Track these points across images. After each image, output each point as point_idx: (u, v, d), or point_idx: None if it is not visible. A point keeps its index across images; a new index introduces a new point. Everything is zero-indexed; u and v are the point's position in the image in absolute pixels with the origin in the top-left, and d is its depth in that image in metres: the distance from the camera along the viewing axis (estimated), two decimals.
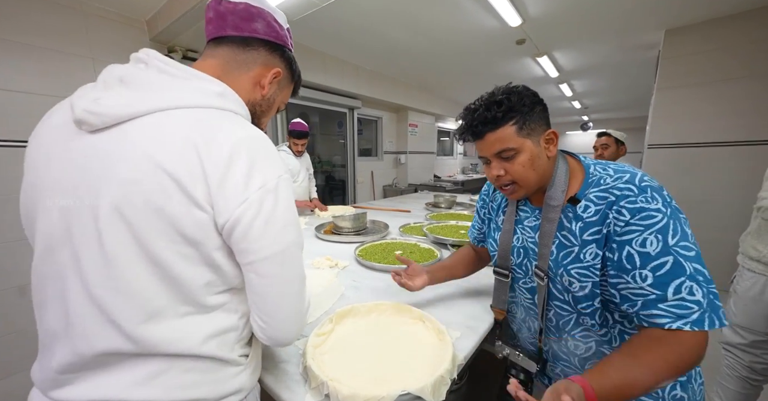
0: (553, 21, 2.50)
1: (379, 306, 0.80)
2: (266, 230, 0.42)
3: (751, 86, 2.35)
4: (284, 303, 0.45)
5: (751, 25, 2.30)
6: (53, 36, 1.68)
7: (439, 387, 0.54)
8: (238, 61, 0.51)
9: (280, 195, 0.43)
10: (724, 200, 2.48)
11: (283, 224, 0.43)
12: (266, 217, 0.41)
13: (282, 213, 0.43)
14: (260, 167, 0.42)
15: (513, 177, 0.61)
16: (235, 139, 0.41)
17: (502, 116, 0.58)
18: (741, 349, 1.19)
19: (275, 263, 0.43)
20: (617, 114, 7.36)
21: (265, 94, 0.55)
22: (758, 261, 1.13)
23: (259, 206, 0.41)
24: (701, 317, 0.46)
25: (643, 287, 0.49)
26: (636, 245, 0.51)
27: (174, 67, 0.44)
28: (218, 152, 0.39)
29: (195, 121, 0.41)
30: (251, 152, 0.41)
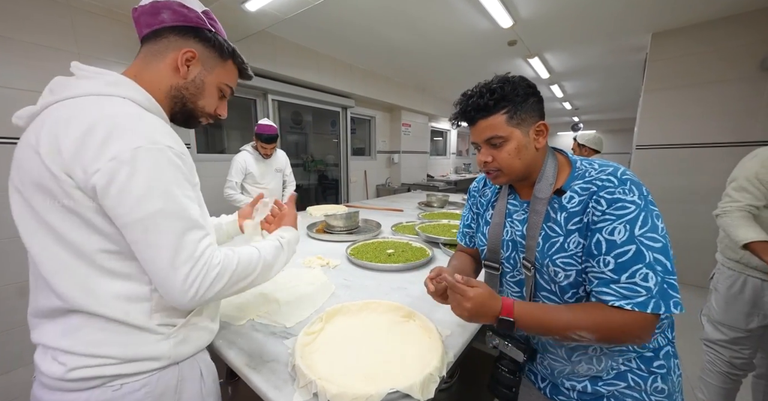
0: (544, 23, 2.53)
1: (370, 304, 0.80)
2: (121, 199, 0.44)
3: (736, 88, 2.42)
4: (156, 268, 0.46)
5: (736, 29, 2.37)
6: (38, 30, 1.64)
7: (428, 384, 0.55)
8: (153, 52, 0.56)
9: (137, 166, 0.44)
10: (711, 200, 2.55)
11: (141, 194, 0.44)
12: (119, 186, 0.43)
13: (139, 183, 0.44)
14: (114, 139, 0.44)
15: (498, 164, 0.63)
16: (96, 116, 0.45)
17: (494, 104, 0.59)
18: (721, 345, 1.23)
19: (137, 230, 0.45)
20: (607, 115, 7.50)
21: (186, 77, 0.57)
22: (737, 261, 1.18)
23: (111, 176, 0.43)
24: (646, 301, 0.50)
25: (604, 271, 0.53)
26: (605, 233, 0.54)
27: (86, 71, 0.51)
28: (76, 127, 0.44)
29: (72, 105, 0.46)
30: (108, 126, 0.44)
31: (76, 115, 0.45)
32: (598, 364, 0.61)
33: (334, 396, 0.50)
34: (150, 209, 0.45)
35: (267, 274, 0.60)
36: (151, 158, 0.45)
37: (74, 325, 0.49)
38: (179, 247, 0.46)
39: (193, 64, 0.57)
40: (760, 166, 1.08)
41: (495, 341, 0.69)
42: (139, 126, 0.46)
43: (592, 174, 0.59)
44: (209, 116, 0.63)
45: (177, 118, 0.61)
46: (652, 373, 0.59)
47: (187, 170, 0.51)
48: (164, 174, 0.46)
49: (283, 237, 0.68)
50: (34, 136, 0.46)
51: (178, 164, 0.49)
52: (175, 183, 0.48)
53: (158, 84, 0.56)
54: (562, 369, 0.65)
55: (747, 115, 2.40)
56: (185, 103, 0.59)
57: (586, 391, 0.63)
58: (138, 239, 0.46)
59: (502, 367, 0.66)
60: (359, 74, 3.71)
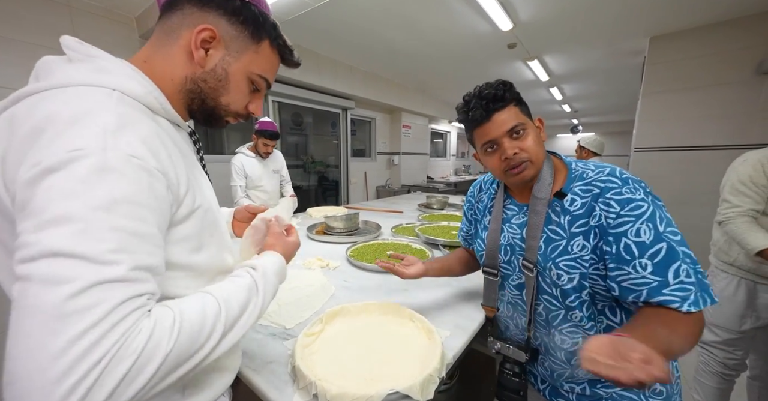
0: (543, 26, 2.55)
1: (370, 306, 0.80)
2: (23, 225, 0.29)
3: (734, 92, 2.44)
4: (14, 353, 0.26)
5: (733, 33, 2.39)
6: (37, 30, 1.64)
7: (428, 385, 0.55)
8: (166, 30, 0.42)
9: (62, 177, 0.29)
10: (708, 203, 2.56)
11: (46, 219, 0.28)
12: (31, 206, 0.29)
13: (51, 203, 0.28)
14: (52, 140, 0.30)
15: (528, 153, 0.61)
16: (53, 110, 0.32)
17: (508, 95, 0.61)
18: (715, 347, 1.24)
19: (19, 277, 0.28)
20: (606, 118, 7.54)
21: (203, 64, 0.42)
22: (731, 264, 1.19)
23: (27, 189, 0.29)
24: (696, 298, 0.49)
25: (645, 275, 0.51)
26: (631, 235, 0.52)
27: (77, 51, 0.39)
28: (25, 125, 0.32)
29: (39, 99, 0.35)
30: (59, 124, 0.31)
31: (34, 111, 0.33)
32: None
33: (334, 397, 0.50)
34: (45, 244, 0.27)
35: (229, 338, 0.37)
36: (89, 166, 0.30)
37: None
38: (68, 313, 0.26)
39: (213, 47, 0.42)
40: (752, 169, 1.09)
41: (497, 345, 0.69)
42: (97, 124, 0.32)
43: (590, 175, 0.60)
44: (238, 114, 0.49)
45: (197, 117, 0.48)
46: None
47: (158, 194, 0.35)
48: (98, 192, 0.30)
49: (255, 268, 0.45)
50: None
51: (137, 183, 0.33)
52: (113, 209, 0.30)
53: (170, 74, 0.42)
54: (562, 372, 0.66)
55: (744, 118, 2.42)
56: (204, 99, 0.45)
57: (584, 393, 0.63)
58: (16, 295, 0.27)
59: (507, 371, 0.66)
60: (360, 76, 3.73)
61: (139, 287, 0.31)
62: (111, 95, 0.36)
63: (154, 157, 0.35)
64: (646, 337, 0.41)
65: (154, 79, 0.41)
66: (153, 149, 0.36)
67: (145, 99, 0.39)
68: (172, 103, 0.43)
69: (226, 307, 0.38)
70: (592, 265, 0.57)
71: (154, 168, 0.35)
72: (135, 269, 0.31)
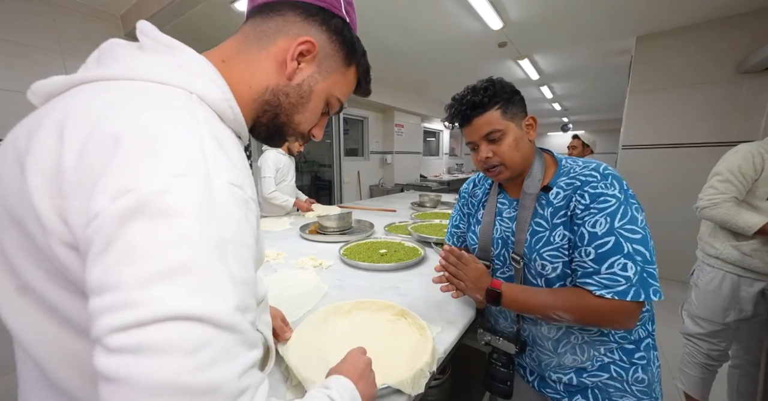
0: (533, 25, 2.58)
1: (361, 303, 0.81)
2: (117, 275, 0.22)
3: (717, 90, 2.51)
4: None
5: (716, 33, 2.46)
6: (17, 27, 1.60)
7: (419, 379, 0.56)
8: (258, 33, 0.38)
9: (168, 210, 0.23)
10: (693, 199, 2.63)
11: (158, 269, 0.22)
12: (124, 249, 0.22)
13: (159, 246, 0.22)
14: (142, 159, 0.24)
15: (501, 158, 0.64)
16: (129, 119, 0.25)
17: (488, 100, 0.62)
18: (700, 338, 1.29)
19: (124, 349, 0.21)
20: (596, 116, 7.67)
21: (291, 77, 0.39)
22: (716, 258, 1.23)
23: (115, 226, 0.22)
24: (627, 289, 0.53)
25: (585, 261, 0.57)
26: (588, 226, 0.57)
27: (154, 38, 0.34)
28: (90, 133, 0.25)
29: (99, 94, 0.28)
30: (142, 137, 0.25)
31: (97, 112, 0.26)
32: (581, 354, 0.64)
33: None
34: (169, 307, 0.22)
35: None
36: (201, 198, 0.24)
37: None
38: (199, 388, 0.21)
39: (306, 61, 0.39)
40: (742, 160, 1.12)
41: (487, 337, 0.71)
42: (195, 140, 0.27)
43: (576, 170, 0.63)
44: (302, 135, 0.45)
45: (259, 131, 0.42)
46: (633, 364, 0.62)
47: (252, 228, 0.29)
48: (218, 235, 0.25)
49: (329, 388, 0.38)
50: (25, 132, 0.28)
51: (240, 217, 0.27)
52: (232, 257, 0.25)
53: (251, 80, 0.38)
54: (549, 362, 0.68)
55: (727, 116, 2.49)
56: (278, 114, 0.41)
57: (571, 383, 0.65)
58: (116, 372, 0.21)
59: (495, 362, 0.69)
60: None
61: (257, 353, 0.26)
62: (191, 100, 0.31)
63: (247, 182, 0.30)
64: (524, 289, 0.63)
65: (230, 83, 0.36)
66: (242, 171, 0.30)
67: (220, 106, 0.34)
68: (242, 111, 0.38)
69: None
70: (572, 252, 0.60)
71: (250, 198, 0.29)
72: (251, 330, 0.26)
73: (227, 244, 0.25)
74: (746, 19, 2.33)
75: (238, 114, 0.37)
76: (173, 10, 1.63)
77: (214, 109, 0.34)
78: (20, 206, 0.26)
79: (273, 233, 1.68)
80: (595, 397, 0.63)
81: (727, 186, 1.13)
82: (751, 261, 1.13)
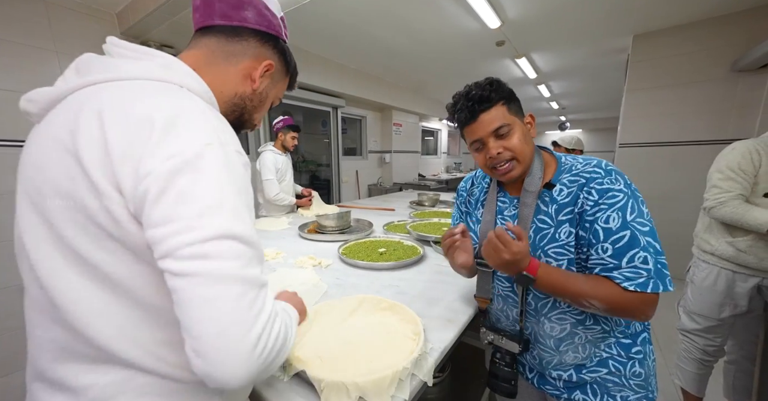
0: (531, 24, 2.58)
1: (358, 298, 0.81)
2: (177, 211, 0.32)
3: (713, 89, 2.53)
4: (210, 314, 0.31)
5: (712, 31, 2.47)
6: (11, 26, 1.58)
7: (422, 365, 0.56)
8: (225, 52, 0.48)
9: (204, 168, 0.33)
10: (690, 196, 2.65)
11: (206, 205, 0.33)
12: (178, 194, 0.32)
13: (204, 191, 0.33)
14: (177, 133, 0.33)
15: (513, 152, 0.63)
16: (153, 106, 0.34)
17: (494, 95, 0.62)
18: (696, 334, 1.30)
19: (193, 256, 0.31)
20: (593, 115, 7.69)
21: (256, 88, 0.52)
22: (712, 254, 1.23)
23: (168, 179, 0.32)
24: (647, 281, 0.53)
25: (604, 258, 0.56)
26: (601, 222, 0.57)
27: (128, 49, 0.41)
28: (126, 117, 0.33)
29: (116, 91, 0.36)
30: (170, 117, 0.34)
31: (126, 102, 0.35)
32: (583, 352, 0.64)
33: (328, 384, 0.51)
34: (213, 228, 0.32)
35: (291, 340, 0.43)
36: (223, 160, 0.35)
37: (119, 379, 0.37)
38: (247, 289, 0.33)
39: (266, 76, 0.52)
40: (741, 157, 1.12)
41: (490, 336, 0.71)
42: (207, 120, 0.37)
43: (578, 167, 0.63)
44: (254, 127, 0.58)
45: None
46: (630, 359, 0.63)
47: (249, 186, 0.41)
48: (235, 185, 0.36)
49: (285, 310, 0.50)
50: (65, 130, 0.34)
51: (244, 176, 0.39)
52: (243, 201, 0.37)
53: (222, 87, 0.48)
54: (550, 360, 0.68)
55: (723, 114, 2.51)
56: (243, 113, 0.53)
57: (571, 380, 0.65)
58: (192, 269, 0.31)
59: (499, 361, 0.69)
60: (350, 74, 3.71)
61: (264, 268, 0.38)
62: (182, 91, 0.40)
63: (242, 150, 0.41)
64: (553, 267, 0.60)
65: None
66: (239, 143, 0.42)
67: (204, 97, 0.44)
68: None
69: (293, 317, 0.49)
70: (578, 249, 0.60)
71: (246, 162, 0.41)
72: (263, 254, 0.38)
73: (241, 190, 0.37)
74: (742, 17, 2.34)
75: (216, 105, 0.47)
76: (170, 9, 1.61)
77: (201, 98, 0.42)
78: (72, 184, 0.34)
79: (272, 233, 1.68)
80: (594, 392, 0.63)
81: (730, 184, 1.13)
82: (746, 257, 1.14)
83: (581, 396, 0.64)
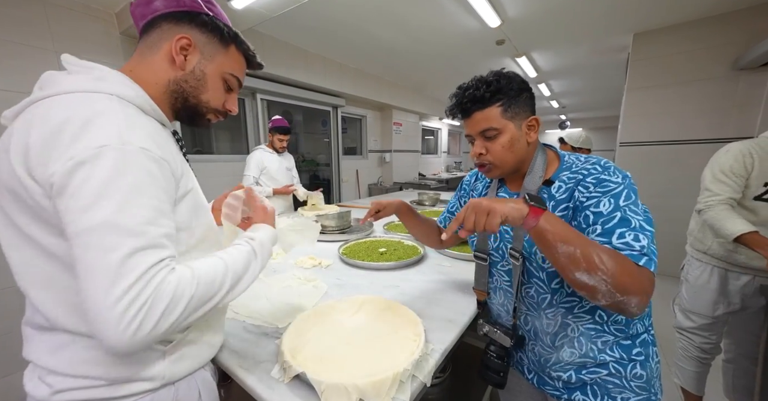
0: (531, 23, 2.57)
1: (358, 300, 0.81)
2: (68, 205, 0.37)
3: (714, 87, 2.52)
4: (88, 298, 0.37)
5: (713, 30, 2.46)
6: (10, 26, 1.57)
7: (423, 367, 0.56)
8: (147, 45, 0.51)
9: (95, 167, 0.38)
10: (689, 195, 2.64)
11: (91, 201, 0.37)
12: (72, 190, 0.37)
13: (92, 187, 0.37)
14: (81, 138, 0.38)
15: (491, 158, 0.65)
16: (69, 113, 0.40)
17: (490, 96, 0.61)
18: (692, 332, 1.31)
19: (78, 246, 0.38)
20: (593, 113, 7.68)
21: (184, 67, 0.52)
22: (704, 253, 1.24)
23: (66, 177, 0.37)
24: (640, 256, 0.50)
25: (593, 238, 0.53)
26: (592, 207, 0.56)
27: (77, 65, 0.48)
28: (45, 125, 0.39)
29: (51, 103, 0.42)
30: (79, 124, 0.39)
31: (51, 113, 0.41)
32: (579, 348, 0.64)
33: (328, 386, 0.51)
34: (95, 220, 0.37)
35: (237, 289, 0.50)
36: (115, 158, 0.39)
37: (60, 342, 0.46)
38: (120, 272, 0.37)
39: (190, 52, 0.51)
40: (733, 160, 1.13)
41: (485, 328, 0.72)
42: (113, 124, 0.41)
43: (578, 165, 0.63)
44: (217, 111, 0.57)
45: (182, 116, 0.56)
46: (632, 361, 0.62)
47: (165, 177, 0.44)
48: (125, 179, 0.39)
49: (253, 239, 0.56)
50: (7, 135, 0.43)
51: (150, 170, 0.42)
52: (138, 191, 0.40)
53: (155, 79, 0.51)
54: (548, 358, 0.68)
55: (723, 112, 2.50)
56: (187, 98, 0.53)
57: (570, 381, 0.65)
58: (77, 256, 0.37)
59: (491, 353, 0.69)
60: (350, 73, 3.70)
61: (163, 252, 0.41)
62: (111, 99, 0.44)
63: (158, 148, 0.44)
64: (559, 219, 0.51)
65: (141, 85, 0.49)
66: (156, 142, 0.45)
67: (136, 101, 0.47)
68: (158, 104, 0.51)
69: (233, 268, 0.49)
70: None
71: (160, 157, 0.44)
72: (159, 237, 0.41)
73: (139, 185, 0.40)
74: (743, 15, 2.33)
75: (153, 105, 0.50)
76: None
77: (134, 104, 0.47)
78: (11, 179, 0.41)
79: None
80: (594, 393, 0.63)
81: (721, 187, 1.14)
82: (737, 256, 1.15)
83: (581, 397, 0.64)
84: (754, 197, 1.11)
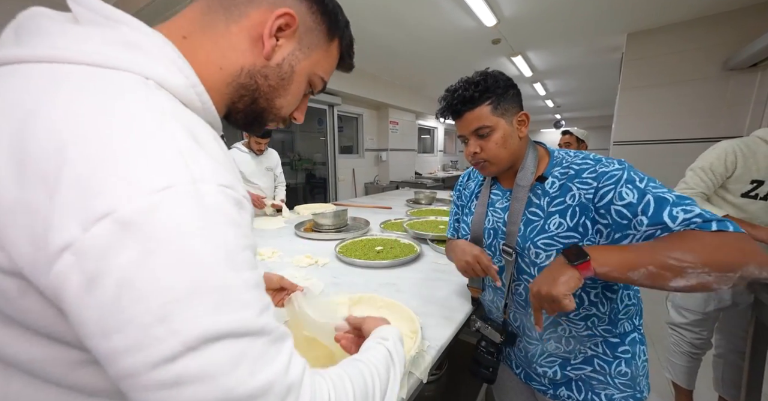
0: (526, 22, 2.59)
1: (354, 298, 0.82)
2: (122, 314, 0.19)
3: (705, 87, 2.55)
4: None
5: (705, 30, 2.49)
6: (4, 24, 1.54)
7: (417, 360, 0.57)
8: (223, 4, 0.32)
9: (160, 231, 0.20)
10: None
11: (170, 297, 0.20)
12: (118, 283, 0.19)
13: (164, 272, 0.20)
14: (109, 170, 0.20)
15: (486, 155, 0.65)
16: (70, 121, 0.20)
17: (478, 95, 0.62)
18: (684, 328, 1.34)
19: (162, 385, 0.20)
20: (588, 113, 7.75)
21: (270, 56, 0.34)
22: None
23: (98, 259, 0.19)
24: (706, 224, 0.44)
25: (647, 229, 0.49)
26: (617, 201, 0.53)
27: (93, 9, 0.27)
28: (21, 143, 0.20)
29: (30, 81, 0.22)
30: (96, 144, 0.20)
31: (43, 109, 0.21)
32: (566, 345, 0.65)
33: None
34: (196, 333, 0.20)
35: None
36: (194, 210, 0.22)
37: None
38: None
39: (285, 37, 0.34)
40: (715, 158, 1.16)
41: (477, 324, 0.74)
42: (169, 138, 0.23)
43: (568, 160, 0.64)
44: (283, 120, 0.40)
45: (236, 118, 0.37)
46: (616, 358, 0.63)
47: (248, 224, 0.27)
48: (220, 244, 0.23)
49: (387, 339, 0.41)
50: None
51: (238, 220, 0.25)
52: (239, 261, 0.24)
53: (220, 60, 0.32)
54: (534, 351, 0.69)
55: (714, 112, 2.54)
56: (257, 99, 0.35)
57: (555, 377, 0.67)
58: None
59: (481, 348, 0.70)
60: None
61: (290, 343, 0.27)
62: (149, 88, 0.25)
63: (234, 178, 0.26)
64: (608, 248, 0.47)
65: (194, 65, 0.30)
66: (229, 169, 0.27)
67: (184, 94, 0.28)
68: (212, 97, 0.32)
69: (379, 374, 0.35)
70: (570, 241, 0.59)
71: (243, 197, 0.26)
72: (277, 324, 0.26)
73: (234, 252, 0.23)
74: (734, 15, 2.37)
75: (208, 102, 0.31)
76: (165, 2, 1.59)
77: (178, 97, 0.28)
78: None
79: (268, 232, 1.67)
80: (579, 389, 0.65)
81: (696, 181, 1.19)
82: None
83: (566, 392, 0.66)
84: (741, 194, 1.14)
